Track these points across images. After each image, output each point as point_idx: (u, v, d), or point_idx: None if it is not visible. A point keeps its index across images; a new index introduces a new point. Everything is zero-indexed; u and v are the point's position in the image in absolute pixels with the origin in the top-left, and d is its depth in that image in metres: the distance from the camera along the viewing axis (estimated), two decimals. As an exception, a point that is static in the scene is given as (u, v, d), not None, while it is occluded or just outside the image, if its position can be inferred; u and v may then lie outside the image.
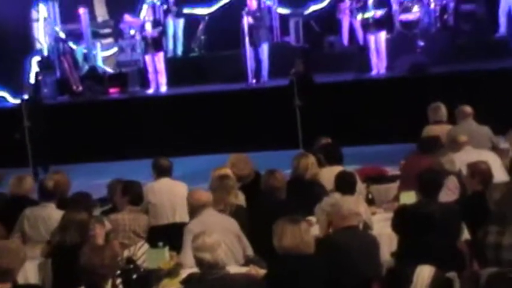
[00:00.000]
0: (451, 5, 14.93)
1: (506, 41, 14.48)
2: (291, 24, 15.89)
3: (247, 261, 6.17)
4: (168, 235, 6.57)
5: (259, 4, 15.13)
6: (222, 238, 5.11)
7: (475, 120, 9.14)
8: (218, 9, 16.42)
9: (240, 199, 7.32)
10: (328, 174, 7.45)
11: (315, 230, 6.40)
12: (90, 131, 14.34)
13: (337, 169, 7.45)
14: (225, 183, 7.01)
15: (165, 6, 16.01)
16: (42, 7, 16.41)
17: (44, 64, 15.95)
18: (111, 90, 15.52)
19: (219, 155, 11.45)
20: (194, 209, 6.30)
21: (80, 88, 15.58)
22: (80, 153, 13.87)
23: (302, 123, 12.98)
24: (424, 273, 5.06)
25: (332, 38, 15.63)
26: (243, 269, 5.78)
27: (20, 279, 5.53)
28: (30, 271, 6.18)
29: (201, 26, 16.26)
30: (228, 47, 15.54)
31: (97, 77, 15.93)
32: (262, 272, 5.52)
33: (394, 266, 5.79)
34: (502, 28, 14.65)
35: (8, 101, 15.83)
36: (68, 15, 16.67)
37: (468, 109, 9.15)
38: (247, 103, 14.17)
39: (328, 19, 15.69)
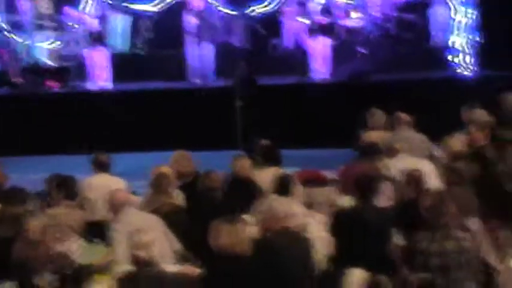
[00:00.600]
0: (394, 13, 15.16)
1: (442, 51, 14.79)
2: (236, 25, 15.91)
3: (182, 259, 6.17)
4: (104, 231, 6.52)
5: (204, 3, 15.11)
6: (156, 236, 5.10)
7: (412, 128, 9.30)
8: (163, 6, 16.33)
9: (179, 198, 7.31)
10: (266, 176, 7.50)
11: (252, 230, 6.43)
12: (29, 124, 14.14)
13: (275, 171, 7.50)
14: (163, 181, 7.00)
15: (109, 1, 15.86)
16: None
17: (-16, 55, 15.66)
18: (52, 83, 15.30)
19: (159, 152, 11.40)
20: (115, 208, 6.31)
21: (20, 80, 15.33)
22: (18, 146, 13.66)
23: (242, 124, 13.03)
24: (356, 276, 5.13)
25: (276, 40, 15.70)
26: (178, 267, 5.78)
27: None
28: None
29: (145, 23, 16.15)
30: (172, 45, 15.48)
31: (38, 69, 15.67)
32: (196, 270, 5.53)
33: (328, 269, 5.85)
34: (439, 38, 14.98)
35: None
36: (11, 6, 16.37)
37: (405, 116, 9.31)
38: (189, 102, 14.16)
39: (273, 22, 15.75)
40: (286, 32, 15.57)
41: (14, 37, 16.04)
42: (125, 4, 16.02)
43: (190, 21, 14.68)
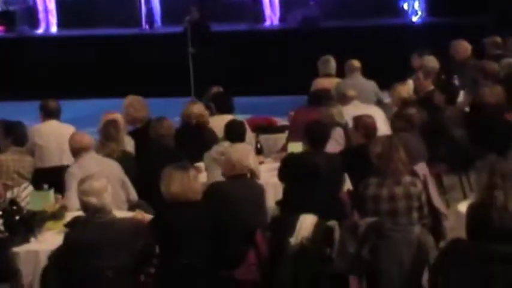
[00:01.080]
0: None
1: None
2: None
3: (133, 206, 6.15)
4: (54, 178, 6.45)
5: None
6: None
7: (362, 75, 9.33)
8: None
9: (129, 145, 7.25)
10: (218, 123, 7.47)
11: (203, 178, 6.42)
12: None
13: (227, 118, 7.48)
14: (113, 128, 6.93)
15: None
16: None
17: None
18: (-2, 28, 14.99)
19: (109, 99, 11.29)
20: (75, 152, 6.24)
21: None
22: None
23: (194, 71, 12.93)
24: (307, 221, 5.17)
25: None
26: (129, 214, 5.75)
27: None
28: None
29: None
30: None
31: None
32: (148, 217, 5.51)
33: (278, 215, 5.89)
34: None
35: None
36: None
37: (356, 63, 9.34)
38: (140, 48, 13.99)
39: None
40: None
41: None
42: None
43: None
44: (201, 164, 6.80)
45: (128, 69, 13.54)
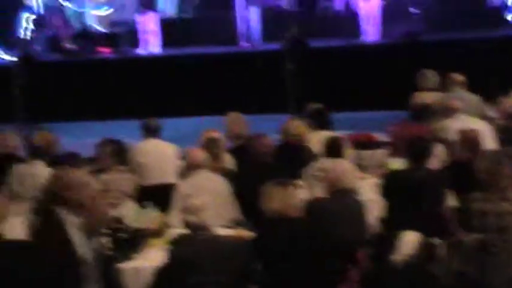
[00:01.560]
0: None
1: (499, 10, 14.45)
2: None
3: (235, 224, 6.19)
4: (156, 196, 6.57)
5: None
6: (211, 200, 5.10)
7: (465, 89, 9.13)
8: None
9: (229, 162, 7.32)
10: (317, 139, 7.45)
11: (303, 194, 6.41)
12: (80, 89, 14.27)
13: (326, 134, 7.45)
14: (213, 145, 7.01)
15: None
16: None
17: (36, 21, 15.79)
18: (103, 49, 15.42)
19: (209, 117, 11.43)
20: (188, 168, 6.31)
21: (71, 46, 15.47)
22: (70, 111, 13.82)
23: (293, 87, 12.94)
24: (409, 238, 5.08)
25: (326, 2, 15.53)
26: (230, 231, 5.80)
27: (8, 235, 5.51)
28: (17, 227, 6.15)
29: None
30: (221, 9, 15.43)
31: (89, 35, 15.80)
32: (249, 234, 5.54)
33: (380, 232, 5.82)
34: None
35: (1, 57, 15.71)
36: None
37: (459, 77, 9.14)
38: (238, 66, 14.12)
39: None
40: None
41: (65, 4, 16.16)
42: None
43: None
44: (300, 181, 6.79)
45: (226, 87, 13.68)
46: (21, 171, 6.91)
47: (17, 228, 6.07)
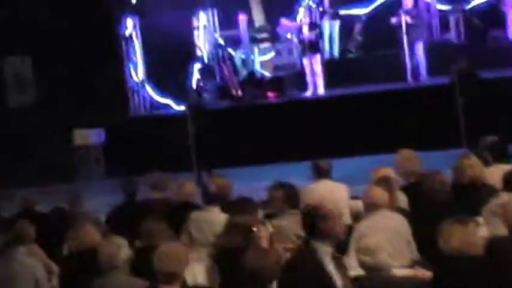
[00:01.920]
0: None
1: None
2: (451, 20, 15.50)
3: (413, 264, 6.05)
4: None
5: (416, 2, 14.89)
6: (389, 239, 5.02)
7: None
8: (374, 8, 16.25)
9: (402, 200, 7.19)
10: (495, 173, 7.18)
11: (483, 231, 6.18)
12: (250, 134, 14.59)
13: (504, 168, 7.17)
14: (386, 184, 6.91)
15: (320, 9, 16.04)
16: (202, 15, 16.86)
17: (205, 71, 16.37)
18: (270, 94, 15.72)
19: (378, 156, 11.34)
20: (365, 208, 6.26)
21: (240, 93, 15.89)
22: (241, 156, 14.12)
23: (465, 121, 12.60)
24: None
25: (496, 32, 15.09)
26: (409, 271, 5.67)
27: (189, 281, 5.68)
28: (198, 273, 6.33)
29: (357, 27, 16.15)
30: (385, 47, 15.36)
31: (255, 81, 16.18)
32: (427, 274, 5.40)
33: None
34: None
35: (172, 108, 16.37)
36: (226, 22, 17.04)
37: None
38: (406, 102, 13.95)
39: (491, 13, 15.16)
40: (508, 21, 14.93)
41: (231, 51, 16.66)
42: (336, 10, 16.13)
43: (403, 20, 14.48)
44: (479, 218, 6.56)
45: (395, 124, 13.54)
46: (199, 218, 7.13)
47: (199, 274, 6.26)
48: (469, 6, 15.45)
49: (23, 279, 6.03)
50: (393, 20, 14.58)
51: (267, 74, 16.59)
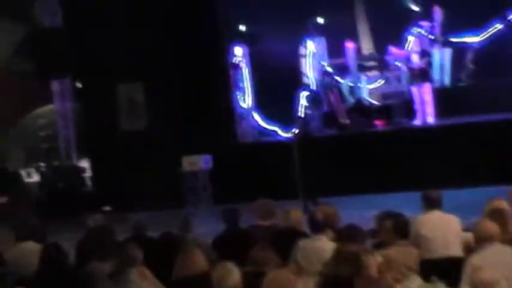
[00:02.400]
0: None
1: None
2: None
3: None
4: (440, 269, 6.43)
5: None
6: (504, 275, 4.89)
7: None
8: (486, 36, 15.96)
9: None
10: None
11: None
12: (357, 163, 14.51)
13: None
14: (499, 216, 6.74)
15: (431, 36, 15.87)
16: (310, 43, 16.96)
17: (312, 98, 16.43)
18: (377, 122, 15.62)
19: (490, 187, 11.07)
20: (478, 241, 6.12)
21: (347, 121, 15.85)
22: (348, 185, 14.05)
23: None
24: None
25: None
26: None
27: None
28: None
29: (469, 55, 15.89)
30: (498, 76, 15.03)
31: (363, 109, 16.12)
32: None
33: None
34: None
35: (279, 135, 16.49)
36: (334, 50, 17.08)
37: None
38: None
39: None
40: None
41: (339, 79, 16.67)
42: (447, 38, 15.93)
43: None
44: None
45: (509, 155, 13.20)
46: (306, 246, 7.13)
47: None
48: None
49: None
50: None
51: (375, 102, 16.51)
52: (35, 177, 18.35)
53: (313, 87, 16.80)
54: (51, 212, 15.02)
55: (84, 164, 18.09)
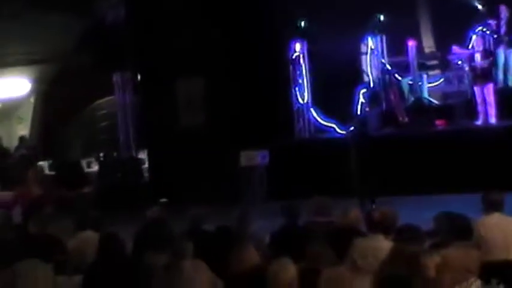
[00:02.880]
0: None
1: None
2: None
3: None
4: (501, 272, 6.31)
5: None
6: None
7: None
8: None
9: None
10: None
11: None
12: (415, 163, 14.34)
13: None
14: None
15: (496, 36, 15.58)
16: (370, 40, 16.82)
17: (371, 96, 16.30)
18: (438, 121, 15.41)
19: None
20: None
21: (406, 119, 15.67)
22: (406, 185, 13.90)
23: None
24: None
25: None
26: None
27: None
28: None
29: (535, 55, 15.58)
30: None
31: (422, 108, 15.91)
32: None
33: None
34: None
35: (336, 132, 16.40)
36: (394, 47, 16.91)
37: None
38: None
39: None
40: None
41: (399, 77, 16.50)
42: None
43: None
44: None
45: None
46: (363, 245, 7.04)
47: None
48: None
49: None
50: None
51: (435, 101, 16.29)
52: (95, 168, 18.62)
53: (373, 85, 16.66)
54: (110, 203, 15.22)
55: (143, 155, 18.27)
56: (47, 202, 12.33)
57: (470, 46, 15.59)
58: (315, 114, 16.83)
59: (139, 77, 18.09)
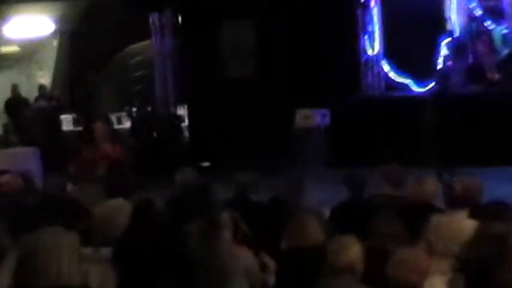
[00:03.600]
0: None
1: None
2: None
3: None
4: None
5: None
6: None
7: None
8: None
9: None
10: None
11: None
12: (505, 127, 14.22)
13: None
14: None
15: None
16: (457, -19, 16.63)
17: (456, 47, 16.16)
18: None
19: None
20: None
21: (496, 76, 15.53)
22: (492, 154, 13.82)
23: None
24: None
25: None
26: None
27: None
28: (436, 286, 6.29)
29: None
30: None
31: (516, 63, 15.78)
32: None
33: None
34: None
35: (411, 89, 16.32)
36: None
37: None
38: None
39: None
40: None
41: (492, 27, 16.27)
42: None
43: None
44: None
45: None
46: (441, 223, 7.04)
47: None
48: None
49: (233, 269, 6.26)
50: None
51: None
52: (126, 124, 18.78)
53: (458, 34, 16.50)
54: (143, 165, 15.39)
55: (182, 112, 18.40)
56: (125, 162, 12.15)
57: None
58: (386, 68, 16.76)
59: (179, 19, 18.15)
